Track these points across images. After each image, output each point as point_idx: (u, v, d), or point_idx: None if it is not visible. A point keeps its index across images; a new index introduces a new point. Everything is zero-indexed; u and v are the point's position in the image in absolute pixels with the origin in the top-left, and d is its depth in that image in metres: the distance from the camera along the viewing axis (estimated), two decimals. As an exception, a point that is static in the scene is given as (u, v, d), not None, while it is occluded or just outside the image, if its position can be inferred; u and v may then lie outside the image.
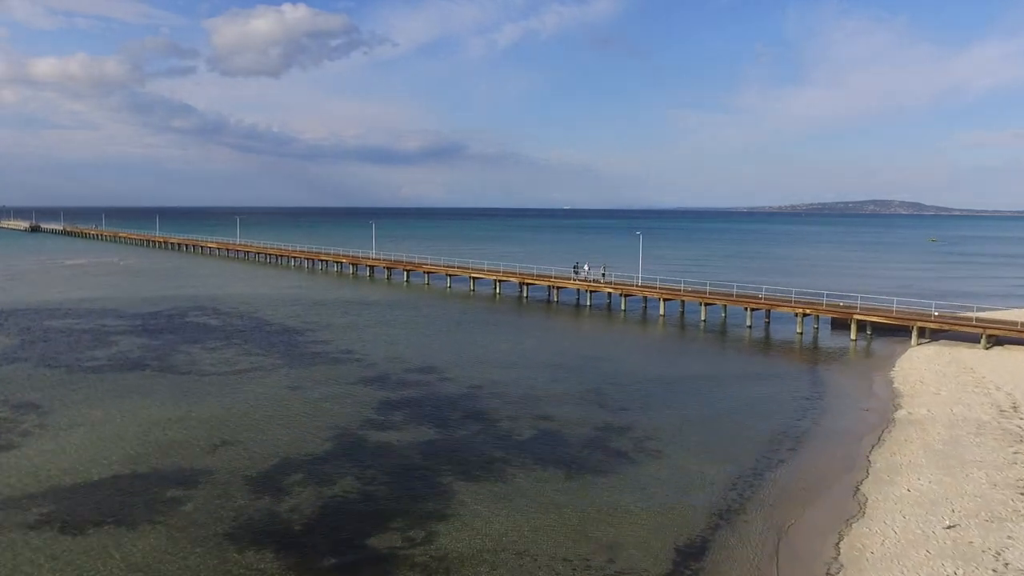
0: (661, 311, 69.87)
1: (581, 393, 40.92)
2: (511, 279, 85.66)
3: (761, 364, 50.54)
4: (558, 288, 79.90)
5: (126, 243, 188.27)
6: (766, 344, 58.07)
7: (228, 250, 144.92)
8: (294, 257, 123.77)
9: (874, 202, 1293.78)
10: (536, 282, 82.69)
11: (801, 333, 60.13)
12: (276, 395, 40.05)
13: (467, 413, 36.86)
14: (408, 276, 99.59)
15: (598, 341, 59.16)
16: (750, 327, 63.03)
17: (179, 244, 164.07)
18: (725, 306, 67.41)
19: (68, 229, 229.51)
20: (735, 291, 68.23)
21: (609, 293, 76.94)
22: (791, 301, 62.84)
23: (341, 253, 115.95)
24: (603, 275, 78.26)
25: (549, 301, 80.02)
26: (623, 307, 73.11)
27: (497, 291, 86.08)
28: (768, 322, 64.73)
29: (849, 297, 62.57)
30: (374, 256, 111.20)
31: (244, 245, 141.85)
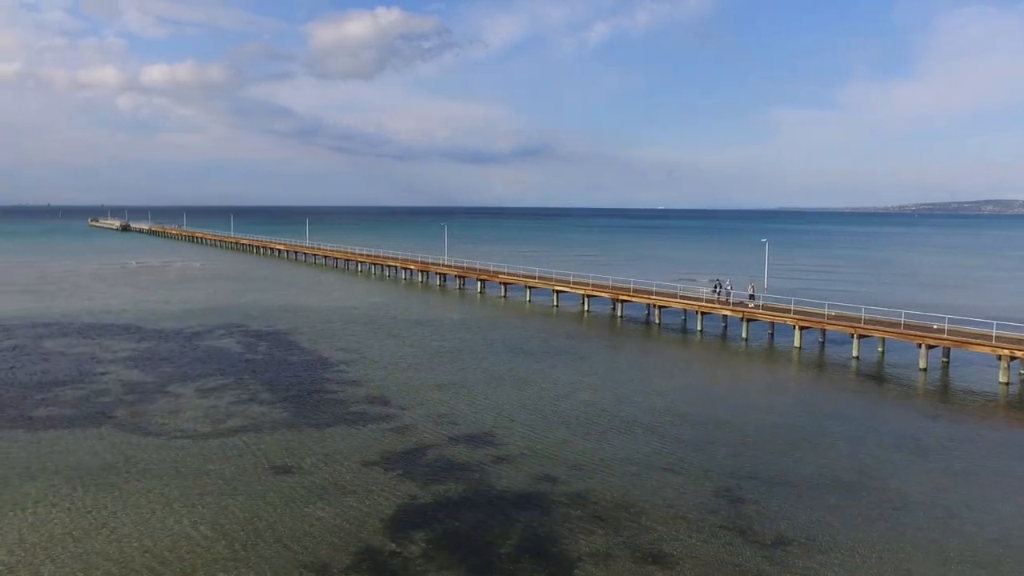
0: (796, 342, 53.89)
1: (717, 487, 26.25)
2: (602, 294, 71.06)
3: (971, 437, 34.30)
4: (659, 307, 64.77)
5: (200, 243, 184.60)
6: (959, 398, 41.57)
7: (296, 252, 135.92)
8: (361, 262, 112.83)
9: (993, 202, 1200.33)
10: (633, 299, 67.76)
11: (1007, 383, 43.21)
12: (235, 486, 27.18)
13: (529, 534, 22.87)
14: (483, 287, 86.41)
15: (724, 388, 43.90)
16: (924, 370, 46.56)
17: (249, 245, 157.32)
18: (883, 339, 50.97)
19: (153, 228, 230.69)
20: (903, 319, 51.49)
21: (725, 316, 61.37)
22: (990, 338, 45.74)
23: (410, 259, 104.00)
24: (729, 292, 62.45)
25: (648, 323, 65.03)
26: (744, 334, 57.42)
27: (586, 308, 71.66)
28: (947, 362, 48.08)
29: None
30: (445, 263, 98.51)
31: (311, 248, 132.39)
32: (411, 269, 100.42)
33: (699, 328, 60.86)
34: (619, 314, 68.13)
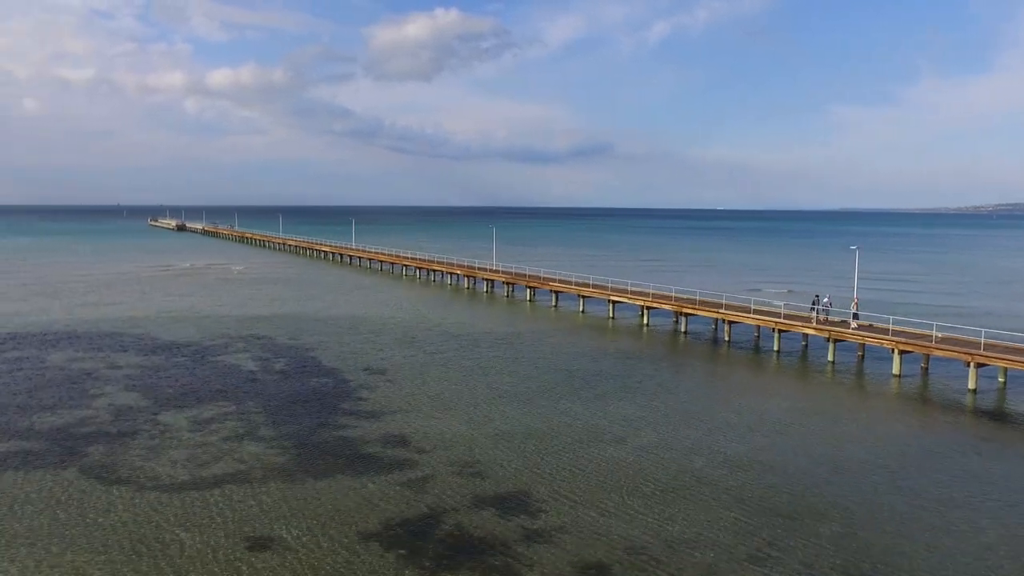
0: (895, 369, 45.72)
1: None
2: (664, 306, 63.59)
3: None
4: (729, 323, 57.11)
5: (249, 243, 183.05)
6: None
7: (341, 254, 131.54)
8: (406, 265, 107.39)
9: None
10: (699, 312, 60.15)
11: None
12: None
13: None
14: (532, 294, 79.75)
15: (816, 431, 36.24)
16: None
17: (296, 246, 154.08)
18: (1005, 369, 42.47)
19: (207, 228, 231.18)
20: (1029, 346, 42.87)
21: (806, 335, 53.45)
22: None
23: (456, 263, 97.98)
24: (828, 309, 53.86)
25: (716, 340, 57.43)
26: (830, 357, 49.45)
27: (645, 321, 64.36)
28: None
29: None
30: (493, 268, 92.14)
31: (357, 250, 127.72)
32: (457, 274, 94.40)
33: (776, 348, 53.03)
34: (682, 329, 60.63)
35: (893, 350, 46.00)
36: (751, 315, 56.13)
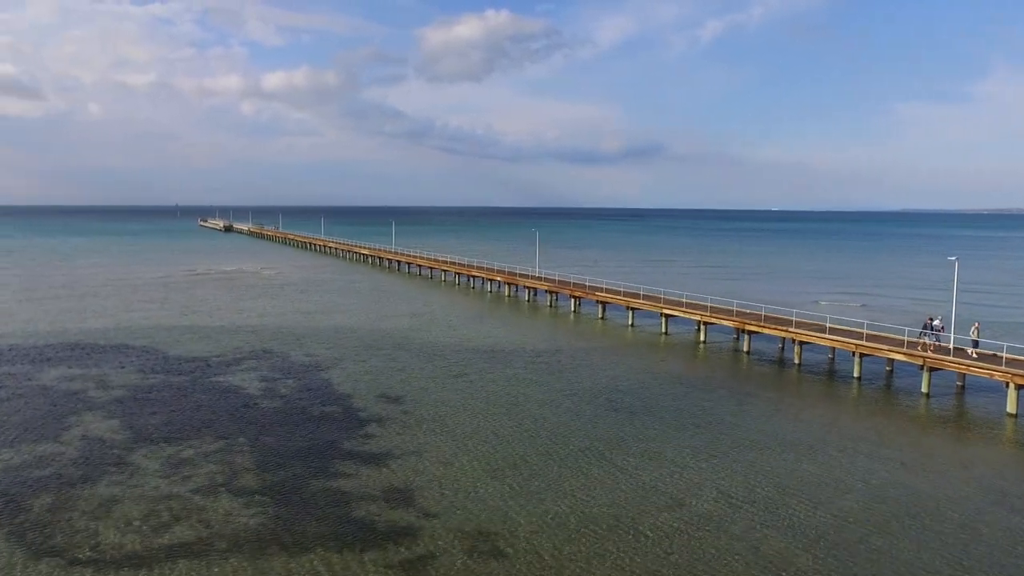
0: (1010, 406, 38.10)
1: None
2: (724, 322, 56.53)
3: None
4: (800, 343, 49.90)
5: (290, 244, 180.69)
6: None
7: (379, 258, 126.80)
8: (445, 271, 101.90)
9: None
10: (764, 330, 52.98)
11: None
12: None
13: None
14: (577, 304, 73.32)
15: (925, 495, 29.06)
16: None
17: (335, 248, 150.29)
18: None
19: (252, 229, 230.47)
20: None
21: (890, 360, 45.99)
22: None
23: (496, 269, 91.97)
24: (938, 334, 44.36)
25: (783, 363, 50.27)
26: (924, 389, 41.90)
27: (701, 338, 57.43)
28: None
29: None
30: (535, 275, 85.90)
31: (395, 254, 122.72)
32: (498, 280, 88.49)
33: (855, 375, 45.68)
34: (744, 348, 53.51)
35: (1008, 384, 38.36)
36: (826, 336, 48.74)
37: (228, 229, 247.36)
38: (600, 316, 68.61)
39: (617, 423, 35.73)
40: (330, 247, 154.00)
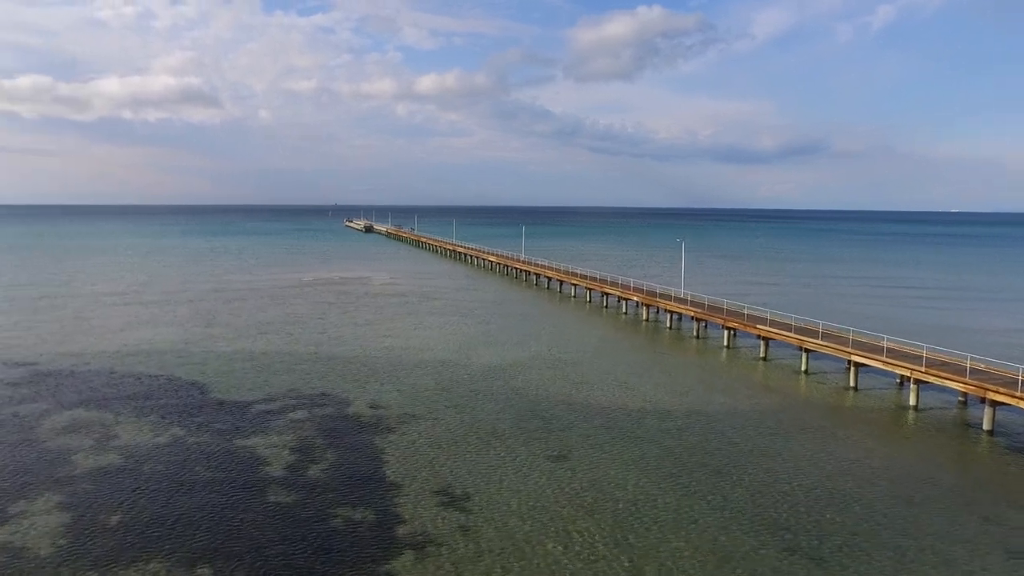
0: None
1: None
2: (951, 383, 39.40)
3: None
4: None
5: (421, 247, 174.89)
6: None
7: (507, 266, 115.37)
8: (576, 284, 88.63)
9: None
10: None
11: None
12: None
13: None
14: (732, 337, 58.02)
15: None
16: None
17: (464, 254, 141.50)
18: None
19: (389, 231, 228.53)
20: None
21: None
22: None
23: (634, 287, 77.51)
24: None
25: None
26: None
27: (912, 401, 40.94)
28: None
29: None
30: (680, 295, 70.77)
31: (523, 263, 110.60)
32: (635, 300, 74.48)
33: None
34: (986, 426, 36.69)
35: None
36: None
37: (368, 230, 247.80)
38: (762, 356, 53.23)
39: (784, 548, 21.39)
40: (460, 252, 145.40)
